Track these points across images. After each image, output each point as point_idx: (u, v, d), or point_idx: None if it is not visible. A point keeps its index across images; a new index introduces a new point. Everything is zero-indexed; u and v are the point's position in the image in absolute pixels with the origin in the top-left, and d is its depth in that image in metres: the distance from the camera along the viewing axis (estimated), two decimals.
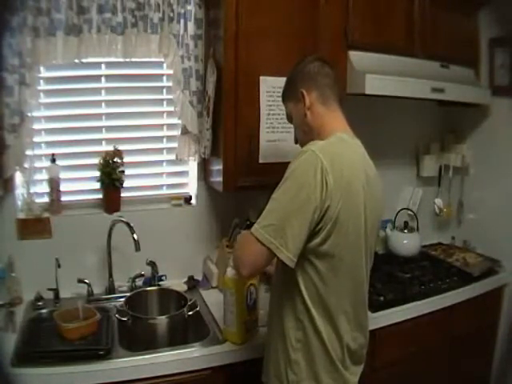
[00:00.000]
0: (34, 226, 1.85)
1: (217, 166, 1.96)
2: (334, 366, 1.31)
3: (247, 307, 1.63)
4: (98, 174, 1.95)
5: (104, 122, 2.02)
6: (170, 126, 2.11)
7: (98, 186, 1.97)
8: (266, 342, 1.45)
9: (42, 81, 1.86)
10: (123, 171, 1.98)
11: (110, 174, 1.94)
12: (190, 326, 1.75)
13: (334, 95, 1.39)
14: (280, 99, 1.50)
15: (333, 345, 1.30)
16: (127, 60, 1.89)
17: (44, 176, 1.91)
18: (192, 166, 2.16)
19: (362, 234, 1.32)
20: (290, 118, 1.48)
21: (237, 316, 1.61)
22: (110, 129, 2.03)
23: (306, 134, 1.40)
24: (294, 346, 1.30)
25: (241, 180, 1.86)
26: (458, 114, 2.59)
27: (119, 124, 2.04)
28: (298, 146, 1.46)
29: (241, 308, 1.60)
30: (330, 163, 1.21)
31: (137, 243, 1.81)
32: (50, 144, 1.94)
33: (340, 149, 1.29)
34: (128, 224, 1.84)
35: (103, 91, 2.00)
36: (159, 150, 2.14)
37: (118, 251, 1.94)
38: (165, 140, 2.13)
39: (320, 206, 1.20)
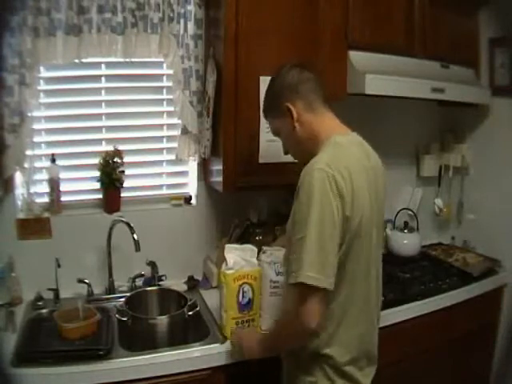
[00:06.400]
0: (33, 226, 1.86)
1: (217, 166, 1.95)
2: (350, 374, 1.32)
3: (238, 304, 1.62)
4: (98, 173, 1.95)
5: (104, 122, 2.02)
6: (170, 126, 2.11)
7: (98, 185, 1.97)
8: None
9: (42, 81, 1.86)
10: (123, 171, 1.98)
11: (110, 174, 1.94)
12: (189, 326, 1.75)
13: (320, 97, 1.37)
14: None
15: (349, 349, 1.31)
16: (127, 60, 1.89)
17: (44, 176, 1.91)
18: (192, 166, 2.16)
19: (373, 238, 1.33)
20: (276, 133, 1.46)
21: (225, 310, 1.62)
22: (109, 129, 2.03)
23: (299, 144, 1.39)
24: (307, 360, 1.31)
25: (241, 180, 1.86)
26: (458, 114, 2.59)
27: (119, 124, 2.04)
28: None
29: (229, 303, 1.61)
30: (341, 176, 1.20)
31: (137, 243, 1.81)
32: (50, 144, 1.93)
33: (342, 158, 1.26)
34: (128, 224, 1.84)
35: (103, 91, 2.00)
36: (159, 150, 2.14)
37: (118, 251, 1.94)
38: (165, 140, 2.13)
39: (342, 222, 1.20)
